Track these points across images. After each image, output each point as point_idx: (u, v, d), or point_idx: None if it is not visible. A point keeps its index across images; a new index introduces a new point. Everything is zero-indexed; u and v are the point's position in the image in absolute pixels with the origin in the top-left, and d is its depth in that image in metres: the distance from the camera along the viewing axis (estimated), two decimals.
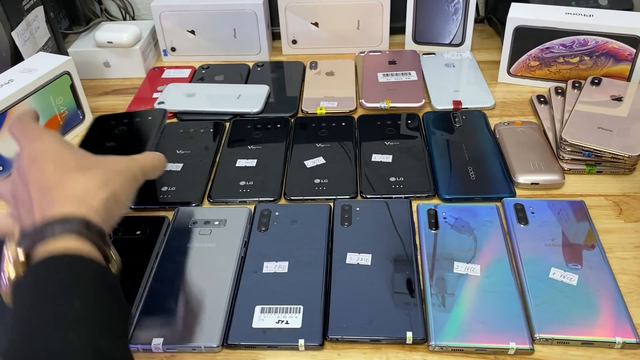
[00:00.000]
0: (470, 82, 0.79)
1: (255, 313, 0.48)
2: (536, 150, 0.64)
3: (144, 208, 0.61)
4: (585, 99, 0.67)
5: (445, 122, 0.70)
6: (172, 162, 0.66)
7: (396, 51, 0.86)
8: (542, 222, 0.55)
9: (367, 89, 0.77)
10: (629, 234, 0.55)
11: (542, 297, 0.48)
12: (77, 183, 0.42)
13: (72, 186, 0.42)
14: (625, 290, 0.49)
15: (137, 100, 0.80)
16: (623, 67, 0.72)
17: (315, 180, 0.62)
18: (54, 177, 0.42)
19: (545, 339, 0.45)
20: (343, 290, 0.49)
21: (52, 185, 0.42)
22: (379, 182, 0.61)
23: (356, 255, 0.52)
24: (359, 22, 0.87)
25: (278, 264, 0.52)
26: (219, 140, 0.70)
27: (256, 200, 0.61)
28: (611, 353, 0.45)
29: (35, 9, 0.78)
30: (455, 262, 0.51)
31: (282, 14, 0.86)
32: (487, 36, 0.93)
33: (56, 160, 0.44)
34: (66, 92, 0.72)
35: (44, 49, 0.80)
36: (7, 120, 0.64)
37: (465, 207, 0.57)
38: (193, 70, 0.86)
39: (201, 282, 0.51)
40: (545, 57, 0.75)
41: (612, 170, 0.62)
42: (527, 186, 0.60)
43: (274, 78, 0.83)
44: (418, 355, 0.45)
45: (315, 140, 0.69)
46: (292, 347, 0.46)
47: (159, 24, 0.86)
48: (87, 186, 0.42)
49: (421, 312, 0.47)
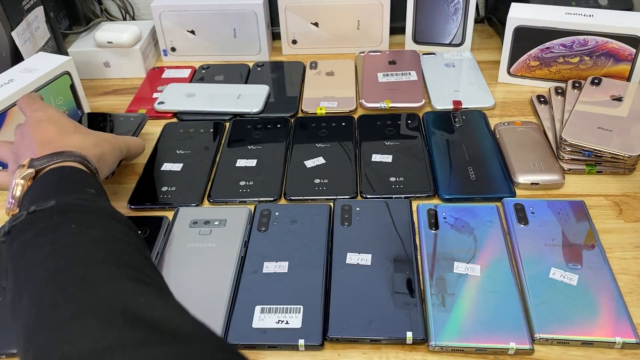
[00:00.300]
0: (470, 82, 0.79)
1: (255, 313, 0.48)
2: (536, 150, 0.64)
3: (144, 208, 0.61)
4: (585, 99, 0.67)
5: (445, 122, 0.70)
6: (172, 162, 0.66)
7: (396, 51, 0.87)
8: (542, 222, 0.55)
9: (367, 89, 0.77)
10: (629, 234, 0.55)
11: (542, 297, 0.48)
12: (75, 140, 0.51)
13: (71, 141, 0.50)
14: (625, 290, 0.49)
15: (137, 100, 0.80)
16: (623, 67, 0.72)
17: (315, 180, 0.62)
18: (55, 135, 0.50)
19: (545, 339, 0.45)
20: (343, 290, 0.49)
21: (53, 139, 0.50)
22: (379, 182, 0.61)
23: (356, 255, 0.52)
24: (359, 22, 0.87)
25: (278, 264, 0.52)
26: (219, 140, 0.70)
27: (256, 200, 0.61)
28: (611, 353, 0.45)
29: (35, 9, 0.78)
30: (455, 262, 0.51)
31: (282, 14, 0.86)
32: (487, 36, 0.94)
33: (57, 124, 0.52)
34: (66, 92, 0.72)
35: (44, 49, 0.80)
36: (7, 120, 0.64)
37: (465, 207, 0.57)
38: (193, 70, 0.86)
39: (201, 282, 0.51)
40: (545, 57, 0.75)
41: (612, 170, 0.62)
42: (527, 186, 0.60)
43: (274, 78, 0.83)
44: (418, 355, 0.45)
45: (315, 140, 0.69)
46: (292, 347, 0.46)
47: (159, 24, 0.86)
48: (83, 143, 0.51)
49: (421, 312, 0.47)
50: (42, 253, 0.37)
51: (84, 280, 0.35)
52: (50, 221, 0.40)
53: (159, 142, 0.70)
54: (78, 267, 0.36)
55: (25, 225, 0.40)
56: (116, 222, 0.42)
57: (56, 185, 0.45)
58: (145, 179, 0.64)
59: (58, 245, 0.38)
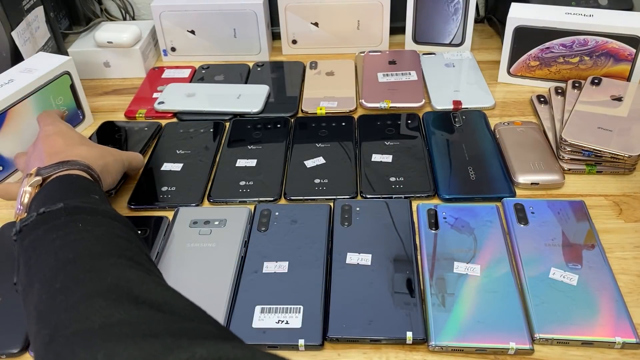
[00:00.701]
0: (470, 82, 0.79)
1: (255, 313, 0.48)
2: (536, 150, 0.64)
3: (144, 208, 0.61)
4: (585, 99, 0.67)
5: (445, 122, 0.70)
6: (172, 162, 0.66)
7: (396, 51, 0.87)
8: (542, 222, 0.55)
9: (367, 89, 0.77)
10: (629, 234, 0.55)
11: (542, 297, 0.48)
12: (81, 150, 0.54)
13: (77, 151, 0.54)
14: (625, 290, 0.49)
15: (137, 100, 0.80)
16: (623, 67, 0.72)
17: (315, 180, 0.62)
18: (63, 147, 0.54)
19: (545, 339, 0.45)
20: (343, 290, 0.49)
21: (60, 150, 0.54)
22: (379, 182, 0.61)
23: (356, 255, 0.52)
24: (359, 22, 0.87)
25: (278, 264, 0.52)
26: (219, 140, 0.70)
27: (256, 200, 0.61)
28: (611, 353, 0.45)
29: (35, 9, 0.78)
30: (455, 262, 0.51)
31: (282, 14, 0.86)
32: (487, 36, 0.94)
33: (65, 136, 0.56)
34: (66, 92, 0.72)
35: (44, 49, 0.80)
36: (7, 120, 0.64)
37: (465, 207, 0.57)
38: (193, 70, 0.86)
39: (201, 282, 0.51)
40: (545, 57, 0.75)
41: (612, 170, 0.62)
42: (527, 186, 0.60)
43: (274, 78, 0.83)
44: (418, 355, 0.45)
45: (315, 140, 0.69)
46: (292, 347, 0.46)
47: (159, 24, 0.86)
48: (88, 154, 0.54)
49: (421, 312, 0.47)
50: (52, 247, 0.41)
51: (92, 269, 0.38)
52: (59, 221, 0.43)
53: (159, 142, 0.70)
54: (86, 259, 0.39)
55: (36, 225, 0.43)
56: (119, 223, 0.46)
57: (63, 190, 0.48)
58: (145, 179, 0.64)
59: (67, 241, 0.41)
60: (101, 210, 0.46)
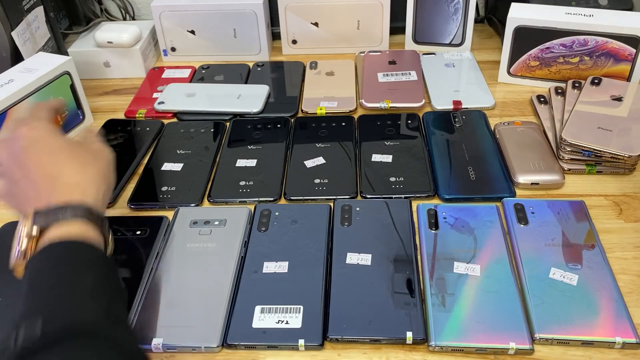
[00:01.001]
0: (470, 82, 0.79)
1: (255, 313, 0.48)
2: (536, 150, 0.64)
3: (144, 208, 0.61)
4: (585, 99, 0.67)
5: (445, 122, 0.70)
6: (172, 162, 0.66)
7: (396, 51, 0.86)
8: (542, 222, 0.55)
9: (367, 89, 0.77)
10: (629, 234, 0.55)
11: (542, 297, 0.48)
12: (77, 174, 0.48)
13: (72, 176, 0.47)
14: (625, 290, 0.49)
15: (137, 100, 0.80)
16: (623, 67, 0.72)
17: (315, 180, 0.62)
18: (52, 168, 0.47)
19: (545, 339, 0.45)
20: (343, 290, 0.49)
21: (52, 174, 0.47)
22: (379, 182, 0.61)
23: (356, 255, 0.52)
24: (359, 22, 0.87)
25: (278, 264, 0.52)
26: (219, 140, 0.70)
27: (256, 200, 0.61)
28: (611, 353, 0.45)
29: (35, 9, 0.78)
30: (455, 262, 0.51)
31: (282, 14, 0.86)
32: (487, 36, 0.94)
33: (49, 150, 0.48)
34: (66, 92, 0.72)
35: (44, 49, 0.80)
36: (7, 120, 0.64)
37: (465, 207, 0.57)
38: (193, 70, 0.86)
39: (201, 282, 0.51)
40: (545, 57, 0.75)
41: (612, 170, 0.62)
42: (527, 186, 0.60)
43: (274, 78, 0.83)
44: (418, 355, 0.45)
45: (315, 140, 0.69)
46: (292, 347, 0.46)
47: (159, 24, 0.86)
48: (85, 177, 0.48)
49: (421, 312, 0.47)
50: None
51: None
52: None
53: (159, 142, 0.70)
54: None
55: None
56: (115, 352, 0.38)
57: (53, 287, 0.41)
58: (145, 179, 0.64)
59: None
60: (103, 334, 0.38)
